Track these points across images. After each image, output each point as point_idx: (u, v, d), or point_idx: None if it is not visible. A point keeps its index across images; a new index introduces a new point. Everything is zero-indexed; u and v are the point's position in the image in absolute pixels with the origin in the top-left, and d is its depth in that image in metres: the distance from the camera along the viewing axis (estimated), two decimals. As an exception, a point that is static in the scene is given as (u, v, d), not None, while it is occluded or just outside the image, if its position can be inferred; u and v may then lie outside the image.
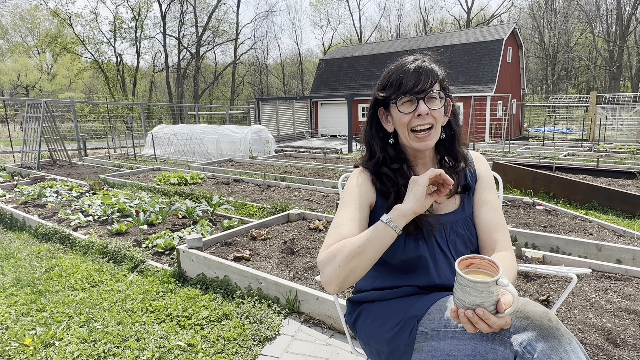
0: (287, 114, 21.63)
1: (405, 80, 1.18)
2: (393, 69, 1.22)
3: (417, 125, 1.19)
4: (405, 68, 1.19)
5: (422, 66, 1.18)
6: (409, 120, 1.19)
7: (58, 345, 2.29)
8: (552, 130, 20.70)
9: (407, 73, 1.18)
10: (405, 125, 1.21)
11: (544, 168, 7.20)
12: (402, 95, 1.19)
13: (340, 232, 1.16)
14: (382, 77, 1.25)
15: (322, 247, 1.15)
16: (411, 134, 1.21)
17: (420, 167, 1.30)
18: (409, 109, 1.19)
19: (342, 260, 1.06)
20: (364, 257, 1.05)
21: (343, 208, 1.23)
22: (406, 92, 1.18)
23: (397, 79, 1.19)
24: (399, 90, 1.19)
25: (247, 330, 2.40)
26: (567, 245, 3.48)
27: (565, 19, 36.62)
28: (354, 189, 1.26)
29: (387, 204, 1.25)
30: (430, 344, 1.04)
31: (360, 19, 66.42)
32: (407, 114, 1.19)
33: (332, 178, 7.36)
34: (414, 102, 1.18)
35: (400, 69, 1.20)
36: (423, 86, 1.17)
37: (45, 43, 37.25)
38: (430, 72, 1.18)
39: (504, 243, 1.22)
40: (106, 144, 15.13)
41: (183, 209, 4.52)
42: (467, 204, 1.30)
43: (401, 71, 1.19)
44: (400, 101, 1.19)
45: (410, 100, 1.19)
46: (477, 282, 0.86)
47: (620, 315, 2.32)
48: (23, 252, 3.85)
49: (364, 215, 1.23)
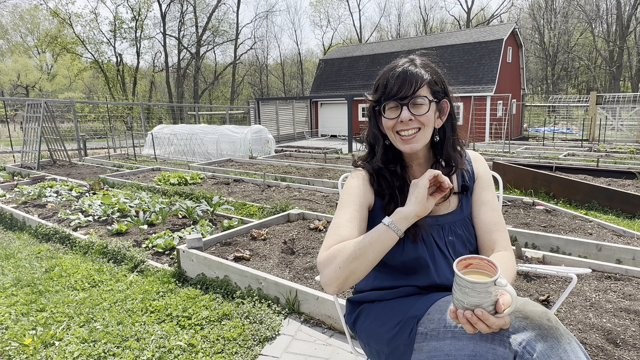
0: (287, 114, 21.63)
1: (390, 85, 1.18)
2: (383, 72, 1.23)
3: (402, 130, 1.19)
4: (392, 72, 1.19)
5: (408, 70, 1.17)
6: (394, 124, 1.20)
7: (58, 345, 2.29)
8: (552, 130, 20.71)
9: (393, 78, 1.18)
10: (391, 129, 1.21)
11: (544, 168, 7.20)
12: (387, 101, 1.19)
13: (339, 232, 1.16)
14: (376, 79, 1.26)
15: (321, 248, 1.15)
16: (397, 137, 1.21)
17: (416, 168, 1.30)
18: (394, 114, 1.19)
19: (343, 261, 1.06)
20: (364, 259, 1.06)
21: (342, 209, 1.23)
22: (390, 97, 1.18)
23: (383, 83, 1.20)
24: (383, 95, 1.19)
25: (247, 330, 2.41)
26: (567, 245, 3.48)
27: (565, 19, 36.61)
28: (353, 190, 1.27)
29: (381, 203, 1.26)
30: (430, 344, 1.04)
31: (360, 19, 66.52)
32: (392, 120, 1.19)
33: (332, 178, 7.36)
34: (399, 108, 1.18)
35: (388, 72, 1.20)
36: (406, 92, 1.16)
37: (45, 43, 37.25)
38: (415, 77, 1.16)
39: (503, 243, 1.22)
40: (106, 144, 15.13)
41: (183, 209, 4.53)
42: (466, 205, 1.29)
43: (388, 75, 1.19)
44: (387, 106, 1.20)
45: (395, 105, 1.19)
46: (476, 283, 0.86)
47: (620, 315, 2.32)
48: (23, 252, 3.85)
49: (363, 216, 1.23)
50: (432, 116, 1.20)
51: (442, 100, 1.23)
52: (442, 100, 1.23)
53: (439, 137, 1.26)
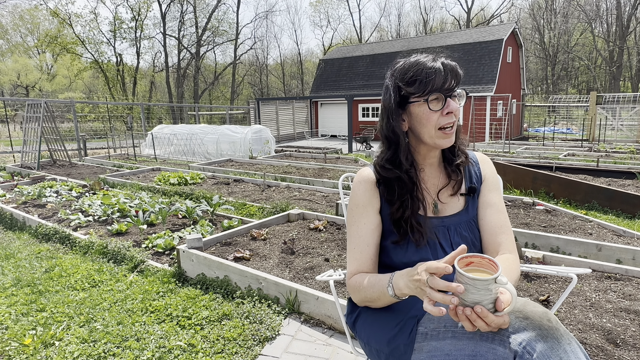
0: (287, 114, 21.63)
1: (434, 78, 1.15)
2: (416, 65, 1.17)
3: (446, 124, 1.17)
4: (429, 66, 1.15)
5: (448, 64, 1.16)
6: (437, 118, 1.17)
7: (58, 345, 2.29)
8: (552, 130, 20.71)
9: (434, 70, 1.15)
10: (433, 123, 1.17)
11: (544, 168, 7.20)
12: (433, 93, 1.15)
13: (356, 257, 1.25)
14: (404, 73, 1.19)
15: (347, 269, 1.28)
16: (438, 132, 1.18)
17: (427, 169, 1.29)
18: (437, 106, 1.17)
19: (362, 299, 1.22)
20: (377, 303, 1.19)
21: (354, 225, 1.27)
22: (436, 90, 1.15)
23: (424, 77, 1.15)
24: (427, 87, 1.15)
25: (247, 330, 2.40)
26: (567, 246, 3.48)
27: (565, 19, 36.61)
28: (360, 200, 1.28)
29: (390, 210, 1.25)
30: (430, 344, 1.04)
31: (360, 19, 66.50)
32: (436, 112, 1.16)
33: (332, 178, 7.36)
34: (441, 100, 1.16)
35: (422, 66, 1.16)
36: (451, 84, 1.16)
37: (45, 43, 37.24)
38: (456, 70, 1.17)
39: (508, 246, 1.22)
40: (106, 144, 15.13)
41: (183, 209, 4.53)
42: (472, 206, 1.29)
43: (427, 69, 1.15)
44: (430, 98, 1.16)
45: (438, 98, 1.16)
46: (476, 280, 0.86)
47: (620, 315, 2.32)
48: (23, 252, 3.85)
49: (376, 224, 1.26)
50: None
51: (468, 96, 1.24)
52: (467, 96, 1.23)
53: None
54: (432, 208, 1.27)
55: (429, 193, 1.28)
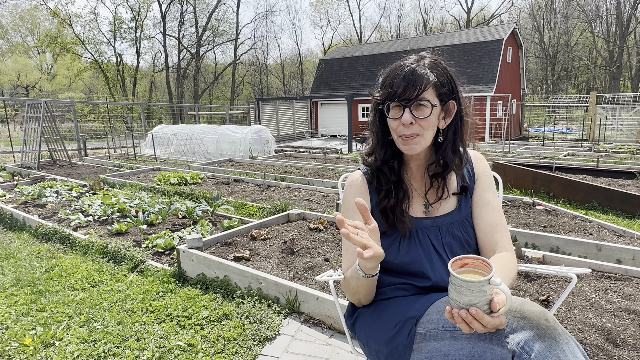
0: (287, 114, 21.64)
1: (395, 85, 1.15)
2: (391, 69, 1.20)
3: (403, 132, 1.17)
4: (399, 71, 1.16)
5: (415, 71, 1.14)
6: (397, 126, 1.17)
7: (58, 345, 2.29)
8: (552, 130, 20.70)
9: (399, 77, 1.15)
10: (395, 130, 1.19)
11: (544, 168, 7.20)
12: (390, 101, 1.17)
13: (348, 258, 1.28)
14: (383, 75, 1.23)
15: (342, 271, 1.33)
16: (399, 139, 1.20)
17: (414, 167, 1.30)
18: (397, 114, 1.17)
19: (350, 295, 1.26)
20: (361, 294, 1.23)
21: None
22: (394, 98, 1.15)
23: (389, 83, 1.17)
24: (388, 95, 1.17)
25: (247, 330, 2.41)
26: (567, 245, 3.48)
27: (565, 19, 36.61)
28: (350, 202, 1.32)
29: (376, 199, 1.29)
30: (429, 345, 1.04)
31: (360, 19, 66.47)
32: (395, 120, 1.17)
33: (332, 178, 7.36)
34: (402, 109, 1.16)
35: (395, 71, 1.18)
36: (410, 94, 1.13)
37: (45, 43, 37.24)
38: (420, 79, 1.13)
39: (504, 244, 1.21)
40: (106, 144, 15.13)
41: (183, 209, 4.53)
42: (465, 205, 1.28)
43: (395, 74, 1.17)
44: (391, 106, 1.18)
45: (398, 106, 1.16)
46: (470, 282, 0.86)
47: (620, 315, 2.32)
48: (23, 252, 3.85)
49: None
50: (435, 120, 1.17)
51: (449, 102, 1.19)
52: (448, 102, 1.19)
53: (442, 138, 1.23)
54: (423, 209, 1.28)
55: (418, 193, 1.30)
